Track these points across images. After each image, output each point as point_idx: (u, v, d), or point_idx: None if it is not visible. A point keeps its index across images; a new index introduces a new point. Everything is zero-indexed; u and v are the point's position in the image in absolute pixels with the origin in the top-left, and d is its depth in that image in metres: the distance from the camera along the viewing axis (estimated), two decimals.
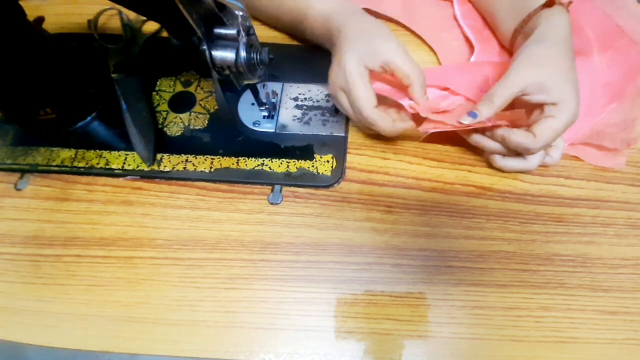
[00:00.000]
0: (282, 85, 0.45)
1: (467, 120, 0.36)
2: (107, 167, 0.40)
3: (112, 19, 0.50)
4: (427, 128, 0.38)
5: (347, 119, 0.43)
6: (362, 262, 0.37)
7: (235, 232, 0.38)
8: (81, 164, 0.41)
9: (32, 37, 0.37)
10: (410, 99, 0.39)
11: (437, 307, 0.35)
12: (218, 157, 0.41)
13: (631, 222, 0.38)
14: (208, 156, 0.41)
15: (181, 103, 0.44)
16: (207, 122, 0.43)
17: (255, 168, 0.40)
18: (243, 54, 0.33)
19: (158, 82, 0.45)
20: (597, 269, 0.36)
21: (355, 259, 0.37)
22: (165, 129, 0.43)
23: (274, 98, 0.44)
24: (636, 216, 0.38)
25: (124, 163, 0.41)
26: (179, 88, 0.45)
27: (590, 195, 0.39)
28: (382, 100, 0.39)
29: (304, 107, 0.44)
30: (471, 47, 0.47)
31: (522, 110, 0.38)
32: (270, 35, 0.49)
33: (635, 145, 0.40)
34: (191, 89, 0.45)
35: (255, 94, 0.41)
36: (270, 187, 0.40)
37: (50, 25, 0.41)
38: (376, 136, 0.42)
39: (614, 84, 0.42)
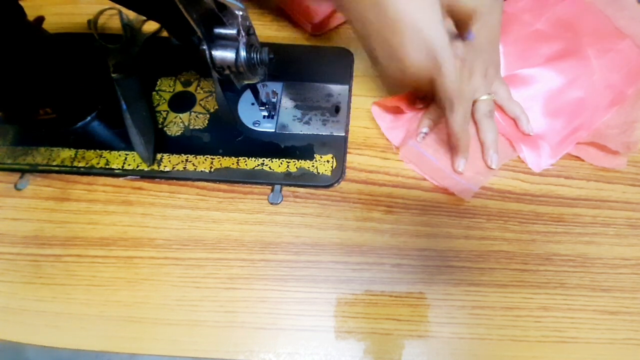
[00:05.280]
0: (282, 85, 0.45)
1: None
2: (107, 167, 0.40)
3: (112, 19, 0.50)
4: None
5: (348, 120, 0.43)
6: (362, 262, 0.37)
7: (235, 232, 0.38)
8: (81, 164, 0.41)
9: (32, 37, 0.37)
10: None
11: (437, 307, 0.35)
12: (218, 157, 0.41)
13: (631, 222, 0.38)
14: (208, 156, 0.41)
15: (181, 103, 0.44)
16: (207, 122, 0.43)
17: (255, 168, 0.40)
18: (243, 53, 0.33)
19: (158, 82, 0.45)
20: (597, 269, 0.36)
21: (355, 259, 0.37)
22: (165, 128, 0.43)
23: (274, 98, 0.44)
24: (636, 216, 0.38)
25: (124, 163, 0.41)
26: (179, 88, 0.45)
27: (590, 195, 0.39)
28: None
29: (304, 107, 0.44)
30: None
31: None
32: (270, 35, 0.49)
33: (635, 148, 0.40)
34: (191, 88, 0.45)
35: (255, 94, 0.41)
36: (270, 187, 0.40)
37: (50, 25, 0.40)
38: (376, 135, 0.42)
39: (615, 87, 0.42)
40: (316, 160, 0.41)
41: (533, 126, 0.41)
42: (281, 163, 0.40)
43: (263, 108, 0.43)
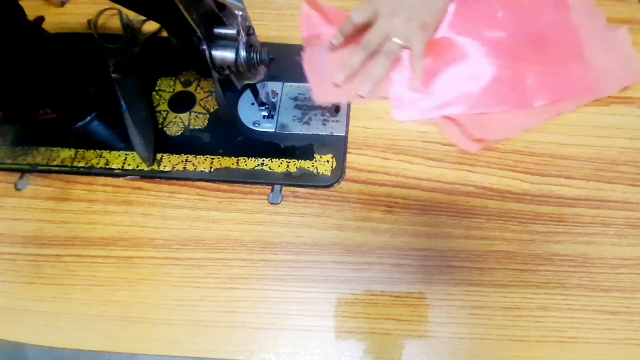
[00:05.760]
0: (282, 85, 0.45)
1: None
2: (107, 167, 0.40)
3: (112, 19, 0.50)
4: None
5: (348, 120, 0.43)
6: (362, 262, 0.37)
7: (235, 232, 0.38)
8: (81, 164, 0.41)
9: (32, 37, 0.37)
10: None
11: (437, 307, 0.35)
12: (218, 157, 0.41)
13: (631, 222, 0.38)
14: (208, 156, 0.41)
15: (181, 103, 0.44)
16: (207, 122, 0.43)
17: (255, 168, 0.40)
18: (243, 53, 0.33)
19: (158, 82, 0.45)
20: (597, 269, 0.36)
21: (355, 259, 0.37)
22: (165, 128, 0.43)
23: (274, 98, 0.44)
24: (636, 216, 0.38)
25: (124, 163, 0.41)
26: (179, 88, 0.45)
27: (590, 195, 0.39)
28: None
29: (304, 107, 0.44)
30: None
31: None
32: (270, 35, 0.49)
33: (493, 144, 0.41)
34: (191, 88, 0.45)
35: (255, 94, 0.41)
36: (270, 187, 0.40)
37: (50, 25, 0.40)
38: (376, 135, 0.42)
39: (527, 95, 0.43)
40: (316, 160, 0.41)
41: (421, 86, 0.43)
42: (281, 163, 0.40)
43: (263, 108, 0.43)
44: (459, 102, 0.43)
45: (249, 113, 0.43)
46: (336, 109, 0.43)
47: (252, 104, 0.44)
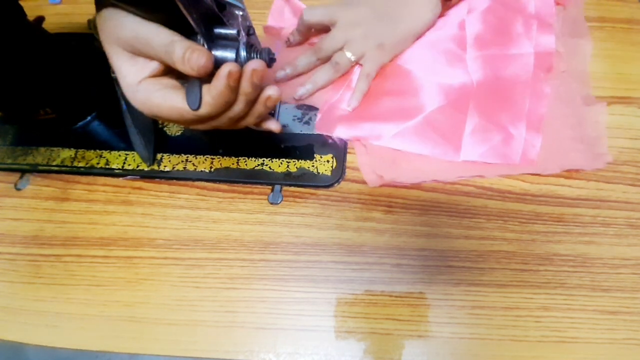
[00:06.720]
0: None
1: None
2: (107, 167, 0.41)
3: None
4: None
5: None
6: (362, 262, 0.37)
7: (235, 232, 0.38)
8: (81, 164, 0.41)
9: (32, 37, 0.37)
10: None
11: (437, 307, 0.35)
12: (218, 157, 0.41)
13: (631, 222, 0.38)
14: (208, 156, 0.41)
15: None
16: None
17: (255, 168, 0.40)
18: (243, 54, 0.33)
19: None
20: (597, 269, 0.36)
21: (355, 259, 0.37)
22: (165, 128, 0.43)
23: None
24: (636, 216, 0.38)
25: (124, 163, 0.41)
26: None
27: (590, 195, 0.39)
28: None
29: (304, 107, 0.44)
30: None
31: None
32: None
33: (390, 185, 0.40)
34: None
35: None
36: (270, 187, 0.40)
37: (50, 25, 0.40)
38: None
39: (459, 146, 0.40)
40: (316, 160, 0.41)
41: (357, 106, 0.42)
42: (281, 163, 0.40)
43: None
44: (384, 132, 0.41)
45: None
46: None
47: None
